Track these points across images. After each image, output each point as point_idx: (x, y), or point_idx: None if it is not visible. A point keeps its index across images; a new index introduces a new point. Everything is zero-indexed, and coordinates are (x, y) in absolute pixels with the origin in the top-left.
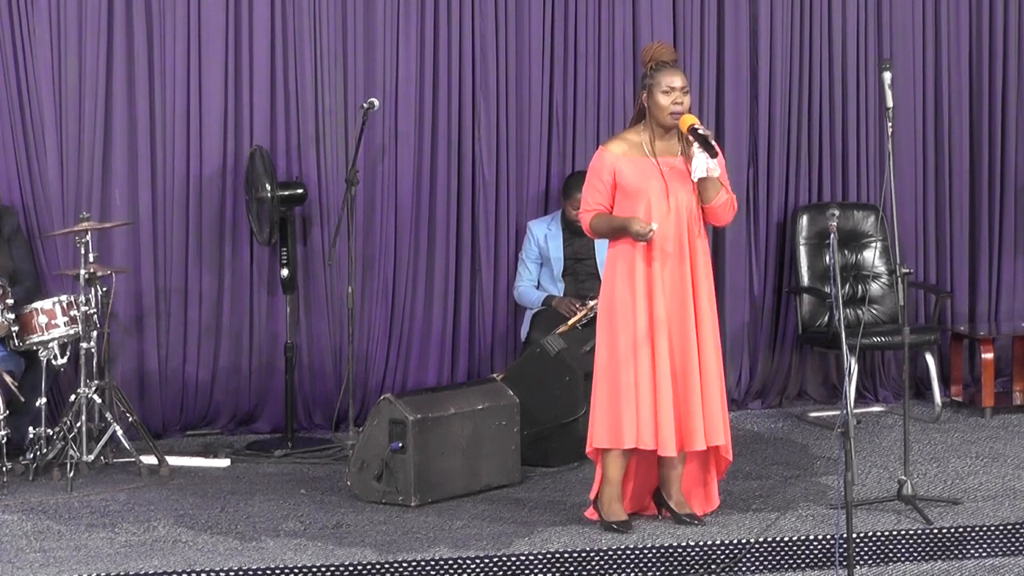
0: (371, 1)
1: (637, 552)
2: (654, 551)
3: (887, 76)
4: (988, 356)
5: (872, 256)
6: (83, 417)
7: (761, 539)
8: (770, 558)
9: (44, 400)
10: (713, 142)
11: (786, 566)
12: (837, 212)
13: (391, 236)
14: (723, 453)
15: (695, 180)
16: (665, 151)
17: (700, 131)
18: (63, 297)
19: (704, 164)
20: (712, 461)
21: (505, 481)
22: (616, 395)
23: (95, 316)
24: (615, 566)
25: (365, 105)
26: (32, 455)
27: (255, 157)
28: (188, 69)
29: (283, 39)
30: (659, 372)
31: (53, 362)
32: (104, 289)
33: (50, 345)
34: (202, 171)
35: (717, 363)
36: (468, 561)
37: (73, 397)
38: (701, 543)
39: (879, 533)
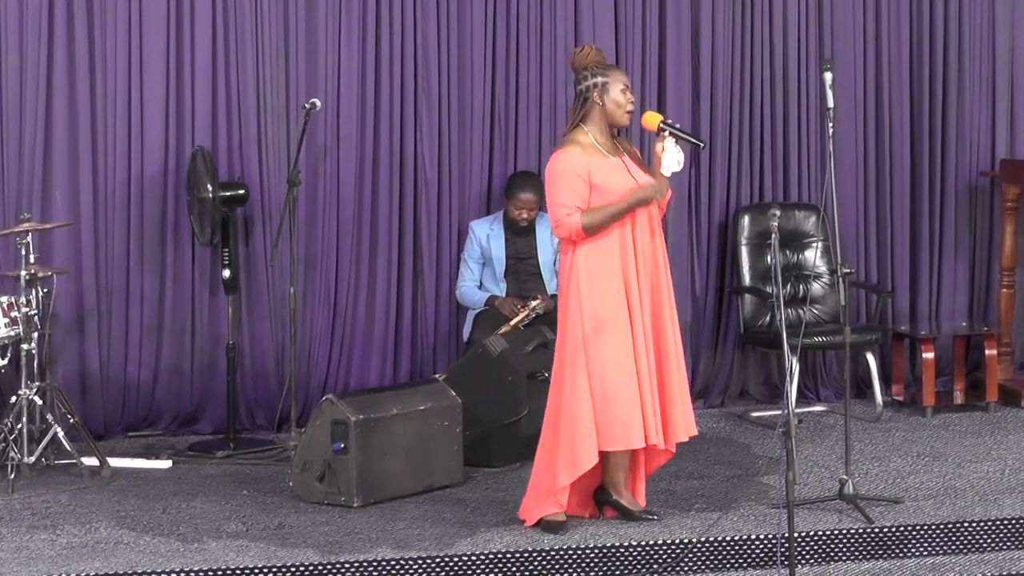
0: (313, 1)
1: (579, 552)
2: (596, 551)
3: (828, 76)
4: (929, 355)
5: (813, 256)
6: (24, 419)
7: (703, 539)
8: (712, 558)
9: None
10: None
11: (728, 566)
12: (778, 212)
13: (333, 237)
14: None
15: (667, 175)
16: (615, 151)
17: (677, 125)
18: (3, 298)
19: (676, 158)
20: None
21: (448, 481)
22: (610, 395)
23: (36, 317)
24: (557, 566)
25: (307, 106)
26: None
27: (197, 157)
28: (129, 69)
29: (224, 39)
30: (640, 368)
31: None
32: (45, 290)
33: None
34: (143, 172)
35: (681, 355)
36: (411, 562)
37: (14, 399)
38: (643, 543)
39: (821, 532)
